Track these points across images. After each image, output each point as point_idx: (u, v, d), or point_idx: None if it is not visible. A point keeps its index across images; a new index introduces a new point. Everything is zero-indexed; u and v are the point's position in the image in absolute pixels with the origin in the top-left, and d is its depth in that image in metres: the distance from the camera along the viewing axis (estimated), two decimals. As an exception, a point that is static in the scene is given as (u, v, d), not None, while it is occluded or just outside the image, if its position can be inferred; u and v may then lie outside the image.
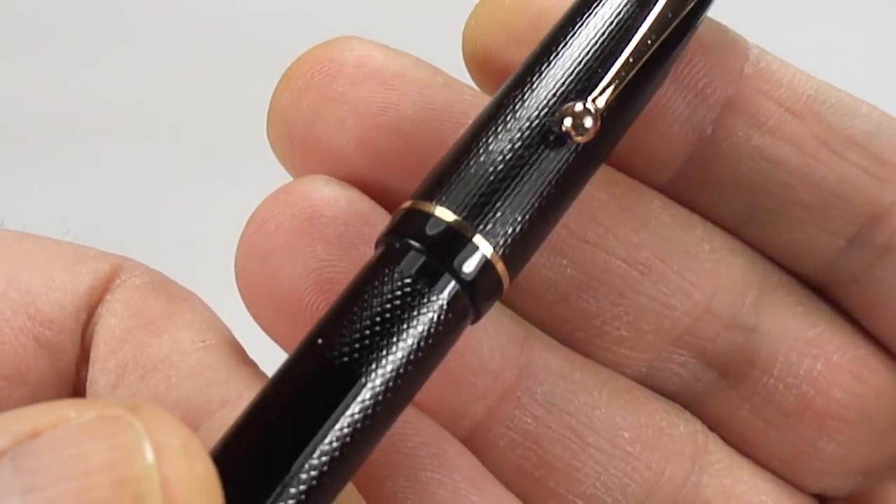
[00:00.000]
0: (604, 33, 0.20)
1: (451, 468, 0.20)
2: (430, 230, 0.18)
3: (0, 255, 0.21)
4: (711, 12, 0.23)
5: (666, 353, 0.23)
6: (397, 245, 0.18)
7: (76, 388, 0.21)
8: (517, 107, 0.19)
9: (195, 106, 0.50)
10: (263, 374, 0.21)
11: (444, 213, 0.18)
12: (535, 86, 0.19)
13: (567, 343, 0.23)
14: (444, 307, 0.18)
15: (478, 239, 0.18)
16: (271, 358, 0.20)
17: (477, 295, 0.18)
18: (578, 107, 0.19)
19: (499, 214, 0.18)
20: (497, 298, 0.19)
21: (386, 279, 0.18)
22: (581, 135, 0.19)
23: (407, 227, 0.18)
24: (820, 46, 0.51)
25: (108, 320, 0.21)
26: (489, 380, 0.21)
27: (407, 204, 0.19)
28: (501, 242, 0.18)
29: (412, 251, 0.18)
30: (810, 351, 0.23)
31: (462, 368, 0.21)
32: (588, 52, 0.20)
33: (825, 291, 0.24)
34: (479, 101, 0.21)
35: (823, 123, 0.22)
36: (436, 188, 0.19)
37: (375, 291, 0.18)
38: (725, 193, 0.22)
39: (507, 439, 0.22)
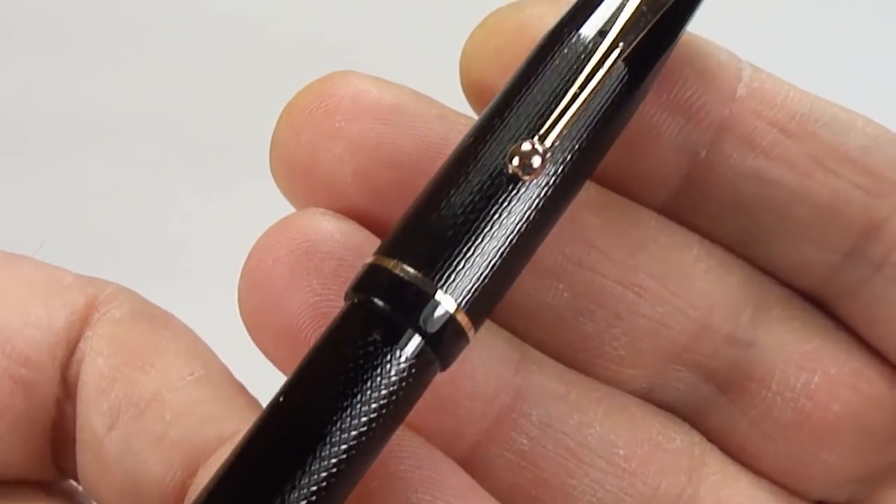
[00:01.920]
0: (558, 73, 0.20)
1: (443, 489, 0.20)
2: (393, 287, 0.19)
3: None
4: (705, 30, 0.23)
5: (665, 370, 0.23)
6: (362, 301, 0.19)
7: (55, 424, 0.22)
8: (470, 155, 0.20)
9: (194, 107, 0.50)
10: (255, 402, 0.22)
11: (406, 270, 0.19)
12: (486, 134, 0.20)
13: (566, 363, 0.23)
14: (409, 363, 0.18)
15: (440, 295, 0.19)
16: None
17: (442, 348, 0.19)
18: (525, 146, 0.19)
19: (460, 266, 0.19)
20: (465, 347, 0.19)
21: (350, 337, 0.18)
22: (529, 174, 0.19)
23: (370, 283, 0.19)
24: (820, 49, 0.51)
25: (95, 360, 0.21)
26: (484, 403, 0.22)
27: (370, 259, 0.19)
28: (464, 295, 0.19)
29: (376, 308, 0.18)
30: (807, 364, 0.23)
31: (457, 393, 0.22)
32: (539, 93, 0.20)
33: (823, 304, 0.24)
34: None
35: (817, 141, 0.22)
36: (398, 243, 0.19)
37: (340, 350, 0.18)
38: (722, 213, 0.23)
39: (503, 460, 0.22)
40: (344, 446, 0.18)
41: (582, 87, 0.20)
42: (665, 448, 0.23)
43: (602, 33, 0.20)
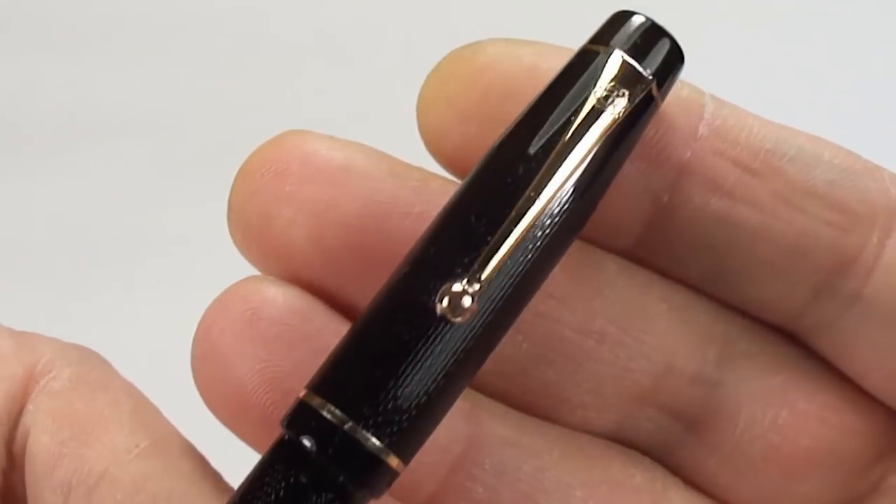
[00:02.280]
0: (494, 200, 0.20)
1: None
2: (320, 430, 0.19)
3: None
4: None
5: (632, 411, 0.23)
6: (291, 438, 0.19)
7: (4, 495, 0.22)
8: (399, 291, 0.19)
9: (194, 107, 0.50)
10: (204, 463, 0.22)
11: (333, 412, 0.19)
12: (416, 268, 0.20)
13: (529, 411, 0.23)
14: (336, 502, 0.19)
15: (368, 439, 0.19)
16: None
17: (372, 487, 0.19)
18: (455, 286, 0.19)
19: (387, 409, 0.19)
20: (394, 480, 0.19)
21: (278, 476, 0.19)
22: (459, 316, 0.19)
23: (299, 422, 0.19)
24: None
25: (40, 437, 0.21)
26: (437, 455, 0.22)
27: (301, 393, 0.19)
28: (392, 437, 0.19)
29: (304, 449, 0.19)
30: (775, 399, 0.23)
31: None
32: (474, 224, 0.19)
33: (793, 336, 0.24)
34: (426, 185, 0.22)
35: (783, 178, 0.22)
36: (326, 381, 0.19)
37: (268, 487, 0.19)
38: (686, 256, 0.22)
39: None
40: None
41: (518, 218, 0.19)
42: (625, 486, 0.23)
43: (545, 149, 0.20)
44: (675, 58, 0.20)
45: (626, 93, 0.20)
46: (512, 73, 0.21)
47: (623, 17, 0.21)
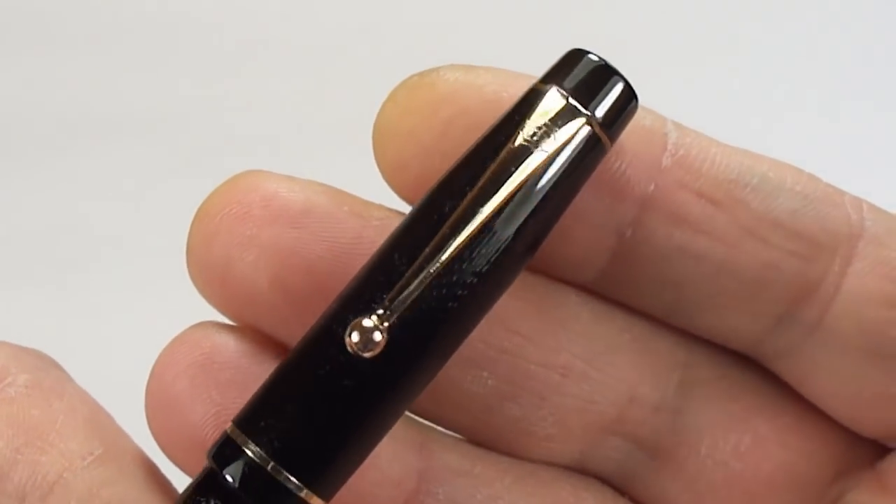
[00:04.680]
0: (418, 234, 0.20)
1: None
2: (241, 466, 0.19)
3: None
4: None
5: (596, 441, 0.23)
6: (215, 471, 0.19)
7: None
8: (318, 325, 0.20)
9: (194, 107, 0.50)
10: (157, 472, 0.22)
11: (253, 450, 0.19)
12: (335, 304, 0.20)
13: (494, 445, 0.23)
14: None
15: (284, 476, 0.19)
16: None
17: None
18: (366, 321, 0.19)
19: (306, 446, 0.19)
20: None
21: None
22: (369, 351, 0.19)
23: (223, 454, 0.19)
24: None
25: None
26: (391, 489, 0.22)
27: (228, 427, 0.19)
28: (310, 475, 0.19)
29: (227, 484, 0.19)
30: (737, 425, 0.23)
31: (365, 482, 0.22)
32: (393, 254, 0.19)
33: (753, 362, 0.24)
34: (389, 222, 0.21)
35: (746, 210, 0.22)
36: (250, 417, 0.19)
37: None
38: (649, 289, 0.22)
39: None
40: None
41: (433, 255, 0.19)
42: None
43: (469, 188, 0.19)
44: (626, 99, 0.20)
45: (561, 131, 0.20)
46: (472, 105, 0.21)
47: (575, 56, 0.20)
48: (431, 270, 0.19)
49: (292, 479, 0.19)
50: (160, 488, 0.22)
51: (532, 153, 0.19)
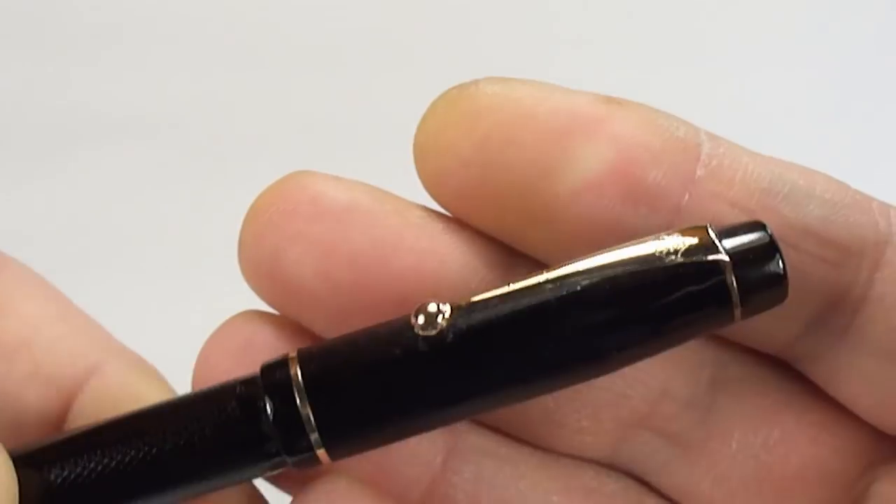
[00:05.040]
0: None
1: None
2: (280, 394, 0.21)
3: None
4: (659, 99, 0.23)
5: (628, 436, 0.24)
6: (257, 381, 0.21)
7: None
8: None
9: (195, 107, 0.50)
10: (104, 331, 0.24)
11: (298, 385, 0.21)
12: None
13: (529, 437, 0.24)
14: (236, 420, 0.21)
15: (309, 427, 0.21)
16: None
17: (296, 462, 0.21)
18: (431, 306, 0.20)
19: (343, 411, 0.21)
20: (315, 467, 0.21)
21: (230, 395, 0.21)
22: (432, 331, 0.20)
23: (272, 373, 0.21)
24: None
25: None
26: (420, 467, 0.23)
27: (291, 352, 0.21)
28: (334, 435, 0.21)
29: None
30: (766, 421, 0.24)
31: (392, 459, 0.23)
32: None
33: (782, 361, 0.24)
34: (428, 222, 0.23)
35: (778, 218, 0.22)
36: (309, 357, 0.21)
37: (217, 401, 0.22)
38: None
39: None
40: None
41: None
42: (600, 492, 0.24)
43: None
44: (773, 284, 0.20)
45: (689, 264, 0.20)
46: (510, 117, 0.21)
47: (756, 225, 0.21)
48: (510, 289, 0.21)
49: (316, 431, 0.21)
50: (114, 343, 0.24)
51: (653, 263, 0.20)
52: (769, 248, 0.20)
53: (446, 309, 0.20)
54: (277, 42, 0.52)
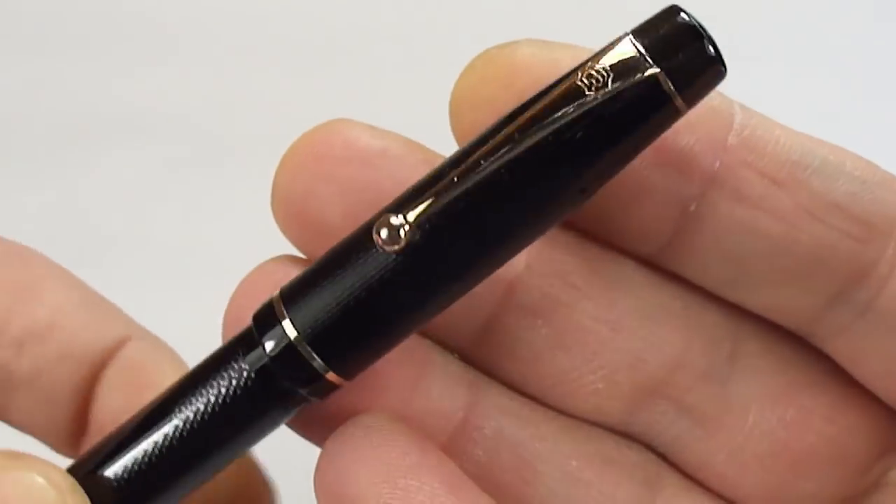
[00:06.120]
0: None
1: (430, 475, 0.22)
2: (276, 336, 0.21)
3: None
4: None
5: (643, 403, 0.24)
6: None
7: None
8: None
9: (196, 107, 0.50)
10: (120, 311, 0.27)
11: (286, 325, 0.21)
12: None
13: (543, 396, 0.24)
14: (249, 376, 0.22)
15: (309, 355, 0.21)
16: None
17: (312, 392, 0.22)
18: (394, 220, 0.21)
19: (334, 332, 0.21)
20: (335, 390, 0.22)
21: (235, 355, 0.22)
22: (393, 245, 0.21)
23: (263, 320, 0.22)
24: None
25: None
26: (441, 419, 0.24)
27: (273, 295, 0.22)
28: (335, 358, 0.21)
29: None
30: (783, 398, 0.24)
31: (413, 410, 0.23)
32: (435, 170, 0.21)
33: (802, 340, 0.24)
34: None
35: (807, 190, 0.22)
36: (291, 294, 0.22)
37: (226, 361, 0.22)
38: (707, 264, 0.23)
39: (462, 471, 0.23)
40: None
41: (476, 165, 0.20)
42: (619, 462, 0.24)
43: (519, 119, 0.20)
44: (706, 63, 0.20)
45: (621, 78, 0.20)
46: (547, 77, 0.21)
47: (670, 13, 0.20)
48: (465, 181, 0.20)
49: (317, 358, 0.21)
50: (133, 323, 0.27)
51: (581, 92, 0.20)
52: (691, 36, 0.20)
53: (407, 221, 0.21)
54: (278, 42, 0.51)
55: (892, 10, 0.53)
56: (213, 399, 0.22)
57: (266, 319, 0.22)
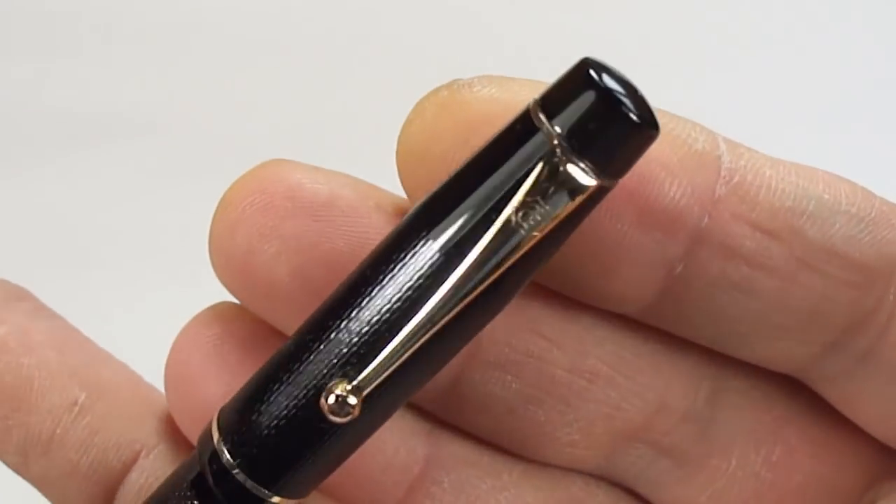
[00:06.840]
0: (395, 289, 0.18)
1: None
2: (217, 465, 0.20)
3: None
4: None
5: (621, 448, 0.23)
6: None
7: None
8: (292, 362, 0.19)
9: (194, 108, 0.50)
10: (144, 394, 0.23)
11: (226, 457, 0.19)
12: (305, 351, 0.19)
13: (518, 450, 0.23)
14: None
15: (251, 486, 0.19)
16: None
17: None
18: (339, 389, 0.18)
19: (276, 465, 0.19)
20: None
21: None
22: (344, 416, 0.18)
23: (207, 445, 0.20)
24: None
25: None
26: (397, 473, 0.22)
27: (213, 420, 0.20)
28: (279, 486, 0.19)
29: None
30: (768, 437, 0.23)
31: (370, 468, 0.22)
32: (369, 313, 0.18)
33: (793, 380, 0.23)
34: None
35: (802, 240, 0.20)
36: (229, 426, 0.20)
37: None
38: (694, 324, 0.21)
39: None
40: None
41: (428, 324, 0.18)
42: (588, 503, 0.23)
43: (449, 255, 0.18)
44: (629, 136, 0.17)
45: (550, 203, 0.17)
46: (508, 119, 0.19)
47: (578, 75, 0.17)
48: (405, 346, 0.18)
49: (261, 488, 0.19)
50: (149, 410, 0.23)
51: (513, 232, 0.18)
52: (610, 113, 0.17)
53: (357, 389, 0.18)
54: (276, 43, 0.51)
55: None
56: None
57: (207, 445, 0.20)
